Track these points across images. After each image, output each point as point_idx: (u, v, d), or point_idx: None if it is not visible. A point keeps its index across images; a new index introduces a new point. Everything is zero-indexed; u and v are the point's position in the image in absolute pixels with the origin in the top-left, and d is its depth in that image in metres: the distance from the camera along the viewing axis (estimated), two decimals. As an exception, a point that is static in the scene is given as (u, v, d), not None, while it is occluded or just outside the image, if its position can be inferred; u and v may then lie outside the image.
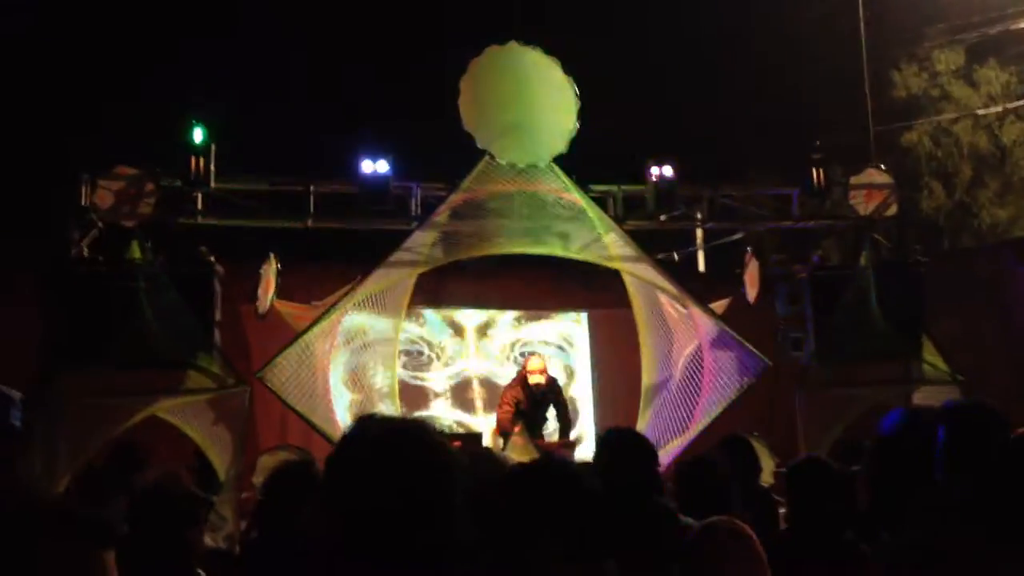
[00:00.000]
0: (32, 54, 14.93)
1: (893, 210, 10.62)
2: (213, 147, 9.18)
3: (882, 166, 11.04)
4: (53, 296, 8.37)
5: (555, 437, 10.07)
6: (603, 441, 4.18)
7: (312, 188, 9.83)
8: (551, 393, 10.07)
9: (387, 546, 1.88)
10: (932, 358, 10.02)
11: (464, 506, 1.98)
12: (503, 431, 9.70)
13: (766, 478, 8.04)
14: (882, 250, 10.57)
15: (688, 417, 9.73)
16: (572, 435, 10.40)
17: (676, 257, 14.62)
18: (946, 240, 18.84)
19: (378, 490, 1.91)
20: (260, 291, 9.45)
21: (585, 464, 3.57)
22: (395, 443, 1.98)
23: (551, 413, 10.11)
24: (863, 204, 10.54)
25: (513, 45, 9.42)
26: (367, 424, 2.06)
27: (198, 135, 9.10)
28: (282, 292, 9.55)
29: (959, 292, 11.35)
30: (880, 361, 9.91)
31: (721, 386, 9.66)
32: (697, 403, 9.76)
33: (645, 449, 3.95)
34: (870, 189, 10.61)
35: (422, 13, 18.01)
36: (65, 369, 7.96)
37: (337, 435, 8.37)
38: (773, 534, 4.30)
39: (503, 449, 9.13)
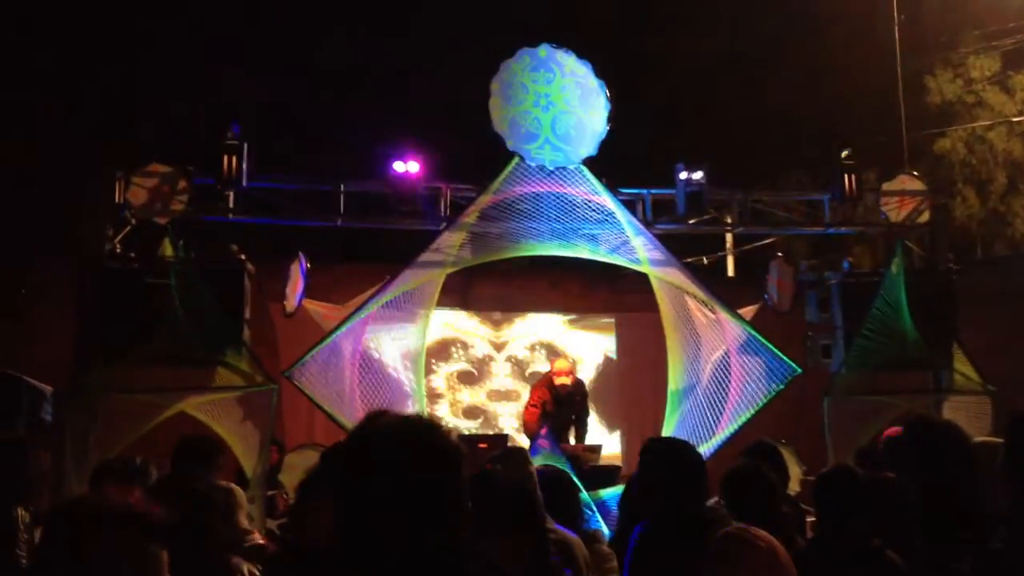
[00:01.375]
0: (67, 51, 15.08)
1: (925, 217, 10.54)
2: (246, 146, 9.24)
3: (915, 172, 10.96)
4: (86, 292, 8.46)
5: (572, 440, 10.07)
6: (649, 451, 4.20)
7: (343, 188, 9.88)
8: (577, 395, 10.07)
9: (396, 545, 1.89)
10: (963, 367, 9.93)
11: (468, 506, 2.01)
12: (528, 432, 9.72)
13: (793, 486, 8.01)
14: (914, 257, 10.48)
15: (716, 423, 9.67)
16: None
17: (705, 261, 14.57)
18: (979, 248, 18.65)
19: (388, 487, 1.92)
20: (288, 290, 9.50)
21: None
22: (405, 441, 1.99)
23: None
24: (895, 211, 10.47)
25: (544, 47, 9.43)
26: (376, 422, 2.07)
27: (232, 134, 9.17)
28: (311, 291, 9.58)
29: (991, 301, 11.24)
30: (910, 370, 9.83)
31: (749, 392, 9.60)
32: (725, 409, 9.71)
33: (694, 458, 4.01)
34: (902, 196, 10.54)
35: (455, 15, 18.05)
36: (97, 364, 8.05)
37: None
38: (801, 542, 4.29)
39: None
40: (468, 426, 12.34)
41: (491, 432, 11.26)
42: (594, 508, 7.97)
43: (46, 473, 4.23)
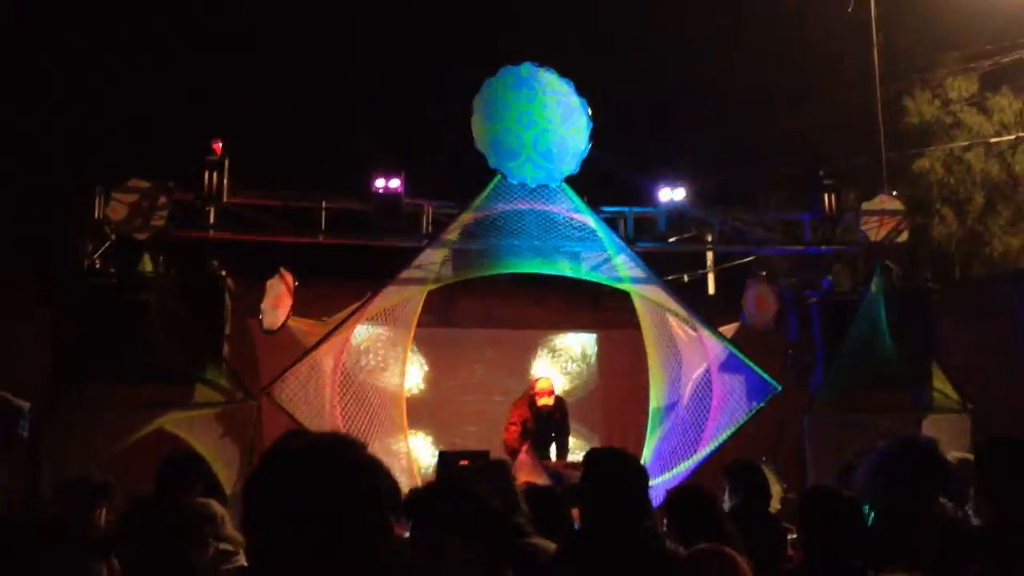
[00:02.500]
0: (48, 67, 15.04)
1: (904, 237, 10.63)
2: (227, 162, 9.22)
3: (894, 192, 11.04)
4: (64, 308, 8.40)
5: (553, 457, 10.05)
6: (590, 462, 4.14)
7: (324, 204, 9.86)
8: (557, 413, 10.08)
9: (302, 561, 1.90)
10: (942, 386, 9.99)
11: (391, 514, 2.00)
12: (509, 449, 9.70)
13: (774, 503, 8.00)
14: (893, 277, 10.55)
15: (697, 440, 9.69)
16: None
17: (686, 279, 14.63)
18: (957, 268, 18.79)
19: (293, 504, 1.92)
20: (266, 305, 9.44)
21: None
22: (315, 458, 2.00)
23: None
24: (874, 230, 10.55)
25: (526, 66, 9.46)
26: (289, 440, 2.08)
27: (213, 149, 9.15)
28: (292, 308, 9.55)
29: (970, 320, 11.31)
30: (890, 388, 9.88)
31: (730, 410, 9.62)
32: (706, 427, 9.73)
33: (633, 471, 3.94)
34: (882, 215, 10.62)
35: (437, 33, 18.11)
36: (75, 381, 7.98)
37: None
38: (782, 562, 4.29)
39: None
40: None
41: (470, 450, 11.17)
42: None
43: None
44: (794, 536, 4.63)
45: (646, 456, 10.17)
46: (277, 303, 9.40)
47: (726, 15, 17.54)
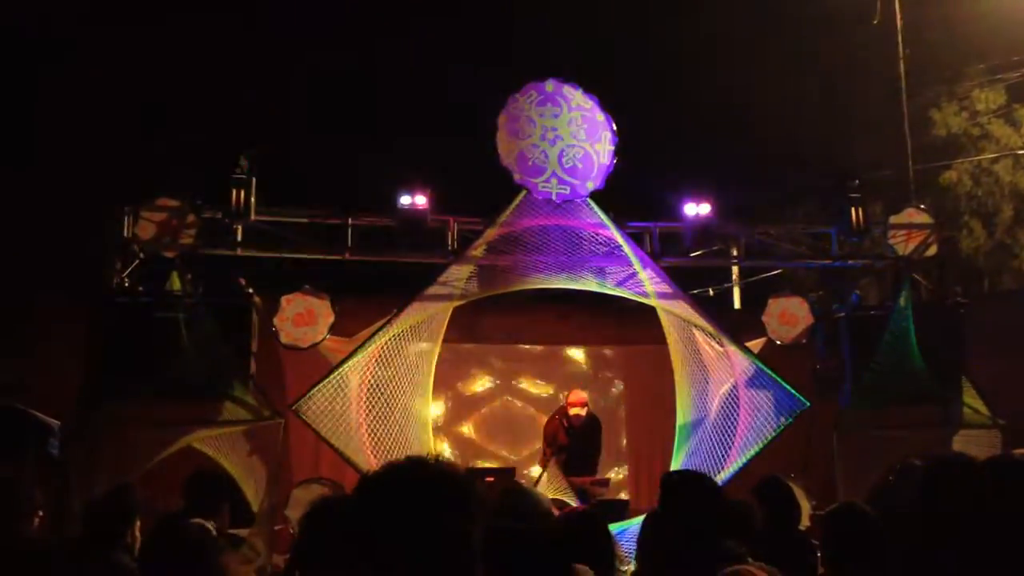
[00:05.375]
0: (77, 86, 15.19)
1: (933, 250, 10.55)
2: (254, 180, 9.29)
3: (922, 206, 10.96)
4: (95, 326, 8.48)
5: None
6: (666, 485, 4.10)
7: (350, 221, 9.91)
8: (588, 429, 10.06)
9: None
10: (972, 401, 9.90)
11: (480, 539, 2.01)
12: (543, 466, 9.77)
13: (803, 521, 7.93)
14: (921, 291, 10.46)
15: (724, 457, 9.62)
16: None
17: (711, 293, 14.55)
18: (986, 281, 18.62)
19: (404, 527, 1.93)
20: (279, 320, 9.47)
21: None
22: (422, 484, 2.01)
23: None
24: (903, 244, 10.47)
25: (551, 82, 9.49)
26: (395, 466, 2.10)
27: (240, 168, 9.22)
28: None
29: (999, 335, 11.19)
30: (919, 404, 9.78)
31: (757, 426, 9.56)
32: (733, 443, 9.66)
33: (708, 491, 3.90)
34: (910, 229, 10.54)
35: (462, 49, 18.18)
36: (105, 398, 8.04)
37: (371, 469, 8.35)
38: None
39: (536, 484, 9.08)
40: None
41: (496, 467, 11.14)
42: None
43: (28, 513, 4.17)
44: (821, 555, 4.60)
45: (673, 473, 10.10)
46: (308, 320, 9.44)
47: (752, 28, 17.51)
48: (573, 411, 9.96)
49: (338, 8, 18.44)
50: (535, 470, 9.79)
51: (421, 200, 9.72)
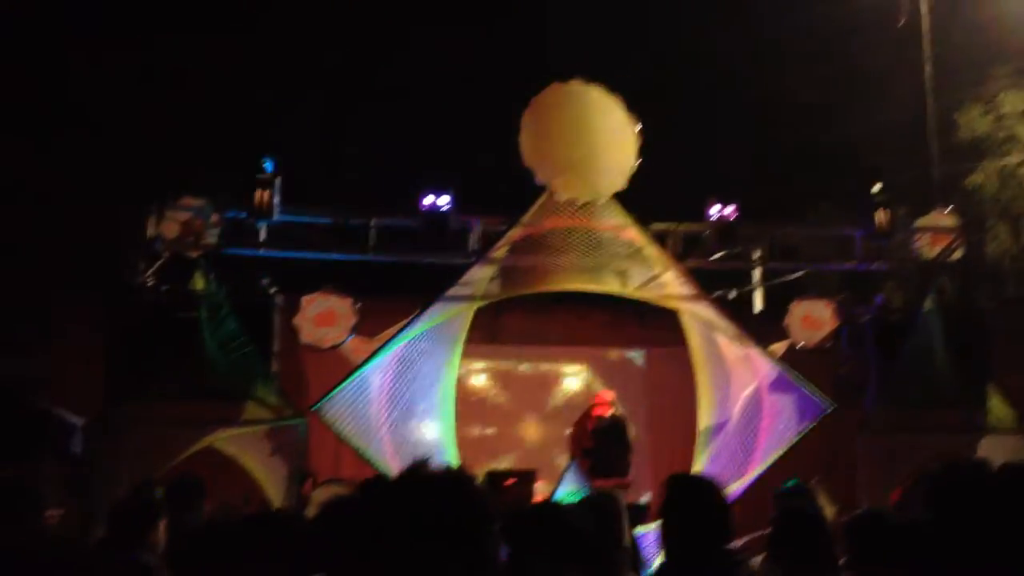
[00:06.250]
0: (99, 88, 15.26)
1: (959, 254, 10.43)
2: (278, 180, 9.31)
3: (948, 208, 10.84)
4: (118, 325, 8.51)
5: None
6: (670, 487, 4.09)
7: (373, 221, 9.91)
8: (614, 430, 10.02)
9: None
10: (998, 407, 9.79)
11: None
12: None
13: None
14: (947, 294, 10.36)
15: (747, 461, 9.57)
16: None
17: (733, 294, 14.46)
18: (1011, 285, 18.43)
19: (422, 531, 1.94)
20: (297, 320, 9.48)
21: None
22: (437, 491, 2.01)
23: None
24: (928, 247, 10.37)
25: (575, 82, 9.44)
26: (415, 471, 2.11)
27: (264, 168, 9.24)
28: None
29: (1025, 339, 11.08)
30: (944, 408, 9.68)
31: (780, 429, 9.50)
32: (756, 446, 9.61)
33: (714, 497, 3.87)
34: (936, 232, 10.44)
35: (485, 49, 18.15)
36: (128, 397, 8.07)
37: (392, 469, 8.35)
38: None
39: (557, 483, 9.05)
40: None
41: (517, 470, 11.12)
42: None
43: (35, 512, 4.15)
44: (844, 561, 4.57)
45: (696, 476, 10.06)
46: (329, 320, 9.44)
47: (777, 29, 17.40)
48: (597, 411, 9.95)
49: (364, 9, 18.46)
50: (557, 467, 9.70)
51: (444, 200, 9.71)
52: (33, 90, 14.61)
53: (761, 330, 10.37)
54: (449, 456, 9.77)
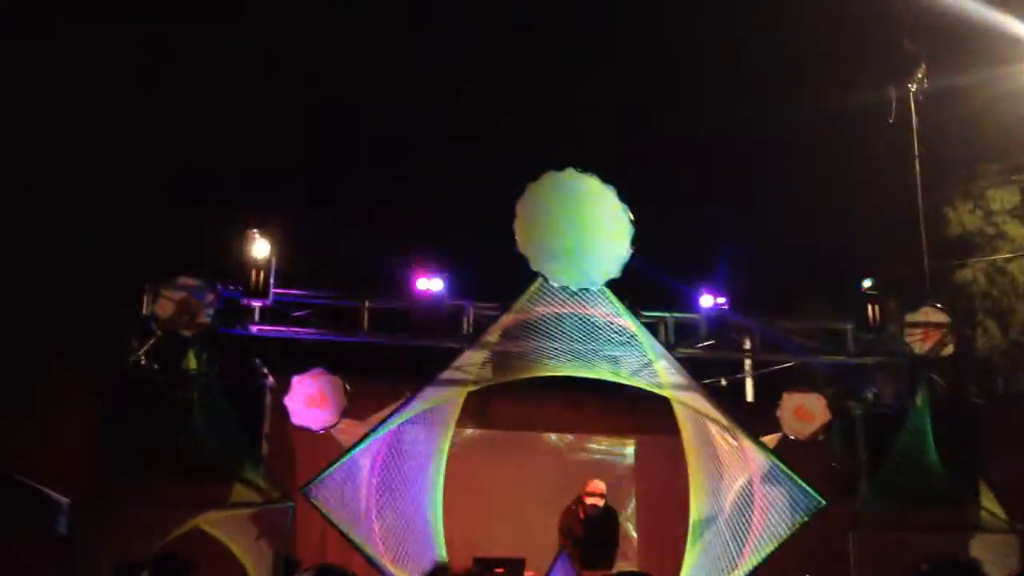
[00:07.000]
0: (95, 165, 15.36)
1: (950, 349, 10.47)
2: (273, 261, 9.36)
3: (939, 304, 10.93)
4: (110, 403, 8.47)
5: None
6: None
7: (367, 303, 9.95)
8: (605, 520, 9.95)
9: None
10: (990, 504, 9.75)
11: None
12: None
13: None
14: (937, 390, 10.38)
15: (738, 554, 9.47)
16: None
17: (724, 383, 14.47)
18: (1001, 381, 18.48)
19: None
20: (287, 401, 9.45)
21: None
22: None
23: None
24: (919, 342, 10.41)
25: (570, 170, 9.55)
26: None
27: (260, 250, 9.30)
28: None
29: (1016, 436, 11.08)
30: (936, 505, 9.63)
31: (772, 524, 9.42)
32: (747, 540, 9.52)
33: None
34: (927, 327, 10.50)
35: (480, 136, 18.40)
36: (115, 477, 7.99)
37: (379, 555, 8.20)
38: None
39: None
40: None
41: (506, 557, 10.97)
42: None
43: None
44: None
45: (687, 569, 9.95)
46: (319, 402, 9.41)
47: (769, 125, 17.72)
48: (590, 500, 9.89)
49: (361, 88, 18.73)
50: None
51: (438, 284, 9.78)
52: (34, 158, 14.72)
53: (753, 420, 10.36)
54: (437, 543, 9.66)
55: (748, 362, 13.70)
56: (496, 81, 18.89)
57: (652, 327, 10.15)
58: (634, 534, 12.54)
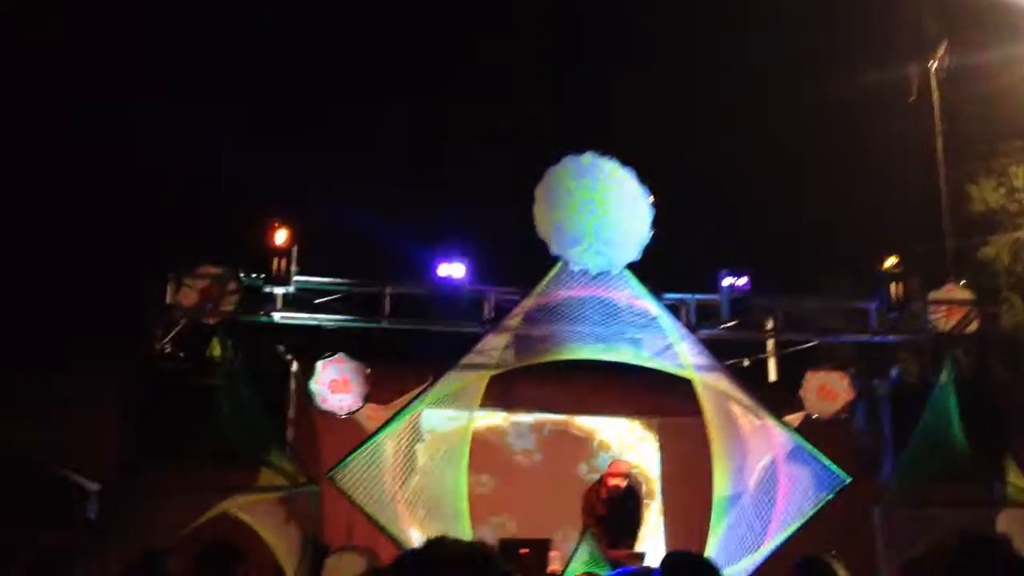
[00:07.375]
0: (118, 157, 15.48)
1: (974, 327, 10.42)
2: (295, 248, 9.42)
3: (963, 281, 10.86)
4: (135, 392, 8.57)
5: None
6: (667, 567, 4.04)
7: (389, 289, 9.99)
8: (628, 500, 9.97)
9: None
10: (1016, 480, 9.70)
11: None
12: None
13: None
14: (962, 367, 10.33)
15: (763, 533, 9.48)
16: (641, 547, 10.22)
17: (746, 363, 14.43)
18: (1026, 357, 18.35)
19: None
20: (313, 385, 9.50)
21: None
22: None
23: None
24: (943, 320, 10.36)
25: (588, 155, 9.56)
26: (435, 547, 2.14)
27: (281, 237, 9.36)
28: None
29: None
30: (961, 481, 9.60)
31: (797, 502, 9.43)
32: (772, 519, 9.53)
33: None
34: (950, 304, 10.45)
35: (498, 121, 18.40)
36: (143, 464, 8.09)
37: (405, 537, 8.27)
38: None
39: (571, 558, 8.99)
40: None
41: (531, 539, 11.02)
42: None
43: None
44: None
45: (711, 548, 9.96)
46: (344, 387, 9.48)
47: (790, 103, 17.61)
48: (613, 481, 9.91)
49: (379, 76, 18.78)
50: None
51: (459, 270, 9.80)
52: (56, 157, 14.86)
53: (776, 400, 10.35)
54: (462, 525, 9.71)
55: (771, 342, 13.67)
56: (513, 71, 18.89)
57: (674, 309, 10.15)
58: (659, 516, 12.55)
